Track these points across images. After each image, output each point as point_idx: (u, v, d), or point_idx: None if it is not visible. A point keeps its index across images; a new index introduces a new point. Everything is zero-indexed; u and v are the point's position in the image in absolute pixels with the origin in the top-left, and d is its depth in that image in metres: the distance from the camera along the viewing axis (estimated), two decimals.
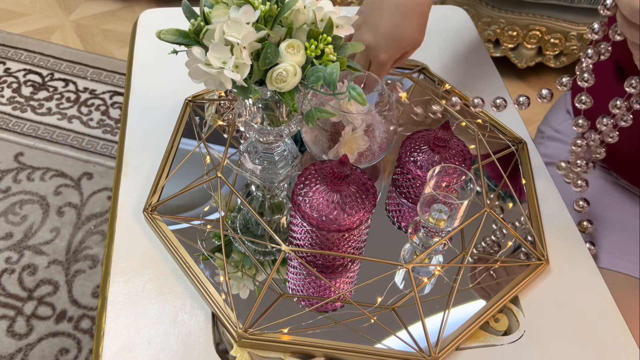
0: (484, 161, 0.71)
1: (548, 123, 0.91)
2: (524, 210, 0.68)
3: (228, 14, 0.46)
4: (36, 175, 1.44)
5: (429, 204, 0.57)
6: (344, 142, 0.62)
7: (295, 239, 0.57)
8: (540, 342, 0.57)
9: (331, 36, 0.48)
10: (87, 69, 1.73)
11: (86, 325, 1.18)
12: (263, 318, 0.55)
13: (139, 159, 0.69)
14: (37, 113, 1.59)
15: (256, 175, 0.61)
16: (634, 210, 0.78)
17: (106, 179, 1.44)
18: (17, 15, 1.92)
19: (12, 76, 1.69)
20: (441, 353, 0.54)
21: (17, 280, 1.24)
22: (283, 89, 0.47)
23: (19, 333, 1.16)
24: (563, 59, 1.70)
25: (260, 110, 0.55)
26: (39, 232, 1.32)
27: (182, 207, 0.65)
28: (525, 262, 0.63)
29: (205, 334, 0.55)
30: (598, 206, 0.79)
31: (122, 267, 0.59)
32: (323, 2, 0.49)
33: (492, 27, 1.64)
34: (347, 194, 0.53)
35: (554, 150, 0.86)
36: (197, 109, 0.75)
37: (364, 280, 0.57)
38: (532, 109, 1.82)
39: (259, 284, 0.59)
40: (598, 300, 0.61)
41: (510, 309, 0.59)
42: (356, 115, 0.61)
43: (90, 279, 1.25)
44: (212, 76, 0.46)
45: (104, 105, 1.63)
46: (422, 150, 0.61)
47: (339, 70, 0.45)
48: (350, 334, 0.55)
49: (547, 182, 0.72)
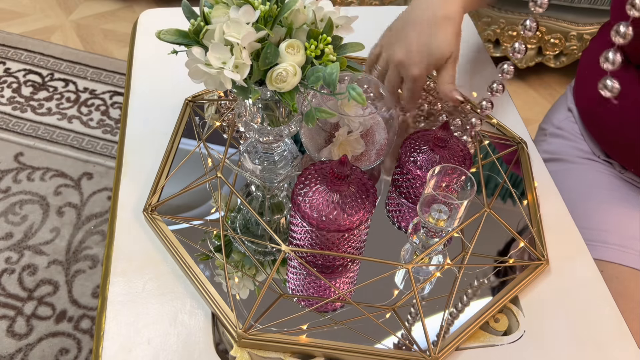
0: (484, 161, 0.72)
1: (550, 121, 0.92)
2: (524, 210, 0.68)
3: (228, 14, 0.46)
4: (36, 175, 1.44)
5: (428, 204, 0.57)
6: (337, 144, 0.62)
7: (295, 239, 0.57)
8: (540, 342, 0.57)
9: (331, 36, 0.48)
10: (87, 69, 1.73)
11: (86, 325, 1.18)
12: (263, 318, 0.55)
13: (139, 159, 0.69)
14: (37, 113, 1.59)
15: (256, 175, 0.61)
16: (638, 203, 0.78)
17: (106, 179, 1.44)
18: (17, 15, 1.92)
19: (12, 76, 1.69)
20: (441, 353, 0.54)
21: (17, 280, 1.24)
22: (283, 89, 0.47)
23: (19, 333, 1.16)
24: (563, 59, 1.70)
25: (260, 110, 0.55)
26: (39, 232, 1.32)
27: (182, 207, 0.65)
28: (525, 262, 0.63)
29: (205, 334, 0.55)
30: (603, 200, 0.79)
31: (122, 267, 0.59)
32: (323, 2, 0.49)
33: (492, 27, 1.64)
34: (347, 194, 0.53)
35: (557, 147, 0.87)
36: (197, 109, 0.75)
37: (364, 280, 0.57)
38: (532, 109, 1.82)
39: (259, 284, 0.59)
40: (598, 300, 0.61)
41: (510, 309, 0.59)
42: (353, 118, 0.61)
43: (90, 279, 1.25)
44: (212, 76, 0.46)
45: (104, 105, 1.63)
46: (422, 151, 0.61)
47: (339, 70, 0.45)
48: (350, 334, 0.55)
49: (547, 181, 0.72)
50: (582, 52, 0.89)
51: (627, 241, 0.75)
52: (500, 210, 0.68)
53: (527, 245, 0.64)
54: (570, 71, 1.79)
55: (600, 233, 0.76)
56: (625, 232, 0.76)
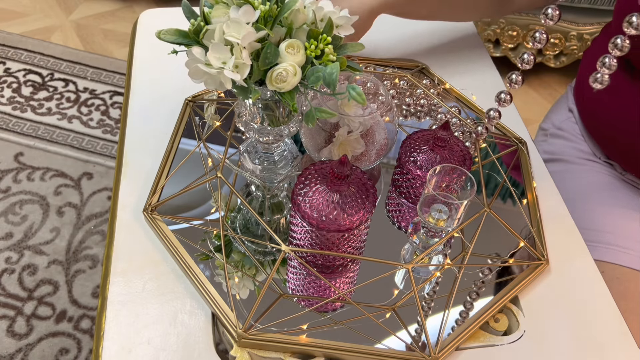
0: (484, 161, 0.72)
1: (550, 121, 0.92)
2: (524, 210, 0.68)
3: (228, 14, 0.46)
4: (36, 175, 1.44)
5: (428, 204, 0.57)
6: (338, 144, 0.62)
7: (295, 239, 0.57)
8: (540, 342, 0.57)
9: (331, 36, 0.48)
10: (87, 69, 1.73)
11: (86, 325, 1.18)
12: (263, 318, 0.55)
13: (139, 159, 0.69)
14: (37, 113, 1.59)
15: (256, 175, 0.61)
16: (638, 204, 0.78)
17: (106, 179, 1.44)
18: (17, 15, 1.92)
19: (12, 76, 1.69)
20: (441, 353, 0.54)
21: (17, 280, 1.24)
22: (283, 89, 0.47)
23: (19, 333, 1.16)
24: (563, 59, 1.70)
25: (260, 110, 0.55)
26: (39, 232, 1.32)
27: (182, 207, 0.65)
28: (525, 262, 0.63)
29: (205, 334, 0.55)
30: (603, 201, 0.79)
31: (122, 267, 0.59)
32: (323, 2, 0.49)
33: (492, 27, 1.64)
34: (347, 194, 0.53)
35: (558, 147, 0.87)
36: (197, 109, 0.75)
37: (364, 280, 0.57)
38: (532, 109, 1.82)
39: (259, 284, 0.59)
40: (598, 300, 0.61)
41: (510, 309, 0.59)
42: (353, 118, 0.61)
43: (90, 279, 1.25)
44: (212, 76, 0.46)
45: (104, 105, 1.63)
46: (422, 150, 0.61)
47: (339, 70, 0.45)
48: (350, 334, 0.55)
49: (547, 182, 0.72)
50: (584, 53, 0.89)
51: (627, 242, 0.75)
52: (500, 210, 0.68)
53: (527, 245, 0.64)
54: (570, 71, 1.79)
55: (600, 234, 0.76)
56: (625, 233, 0.76)
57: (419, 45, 0.88)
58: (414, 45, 0.88)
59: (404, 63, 0.84)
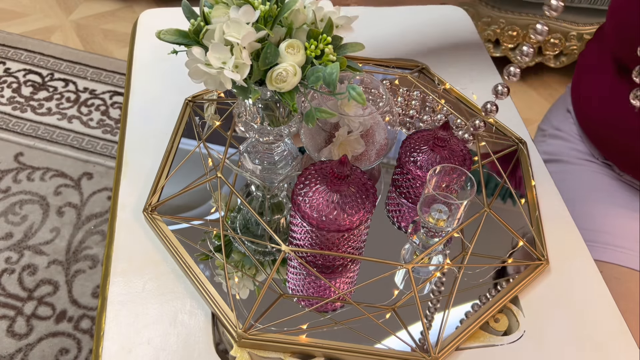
0: (484, 161, 0.72)
1: (549, 122, 0.92)
2: (524, 210, 0.68)
3: (228, 14, 0.46)
4: (36, 175, 1.44)
5: (428, 204, 0.57)
6: (337, 144, 0.62)
7: (295, 239, 0.57)
8: (540, 342, 0.57)
9: (331, 36, 0.48)
10: (87, 69, 1.73)
11: (86, 325, 1.18)
12: (263, 318, 0.55)
13: (139, 159, 0.69)
14: (37, 113, 1.59)
15: (256, 175, 0.61)
16: (637, 205, 0.78)
17: (106, 179, 1.44)
18: (17, 15, 1.92)
19: (12, 76, 1.69)
20: (441, 353, 0.54)
21: (17, 280, 1.24)
22: (283, 89, 0.47)
23: (19, 333, 1.16)
24: (563, 59, 1.70)
25: (260, 110, 0.55)
26: (39, 232, 1.32)
27: (182, 207, 0.65)
28: (525, 262, 0.63)
29: (205, 334, 0.55)
30: (602, 201, 0.79)
31: (122, 267, 0.59)
32: (323, 2, 0.49)
33: (492, 27, 1.64)
34: (347, 194, 0.53)
35: (556, 148, 0.87)
36: (197, 109, 0.75)
37: (364, 280, 0.57)
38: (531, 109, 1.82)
39: (259, 284, 0.59)
40: (598, 300, 0.61)
41: (510, 309, 0.59)
42: (353, 118, 0.61)
43: (90, 279, 1.25)
44: (212, 76, 0.46)
45: (104, 105, 1.63)
46: (422, 151, 0.61)
47: (339, 70, 0.45)
48: (350, 334, 0.55)
49: (547, 181, 0.72)
50: (579, 54, 0.89)
51: (626, 242, 0.75)
52: (500, 210, 0.68)
53: (527, 245, 0.64)
54: (570, 71, 1.78)
55: (599, 234, 0.76)
56: (624, 233, 0.76)
57: (419, 45, 0.88)
58: (414, 45, 0.88)
59: (404, 63, 0.84)
